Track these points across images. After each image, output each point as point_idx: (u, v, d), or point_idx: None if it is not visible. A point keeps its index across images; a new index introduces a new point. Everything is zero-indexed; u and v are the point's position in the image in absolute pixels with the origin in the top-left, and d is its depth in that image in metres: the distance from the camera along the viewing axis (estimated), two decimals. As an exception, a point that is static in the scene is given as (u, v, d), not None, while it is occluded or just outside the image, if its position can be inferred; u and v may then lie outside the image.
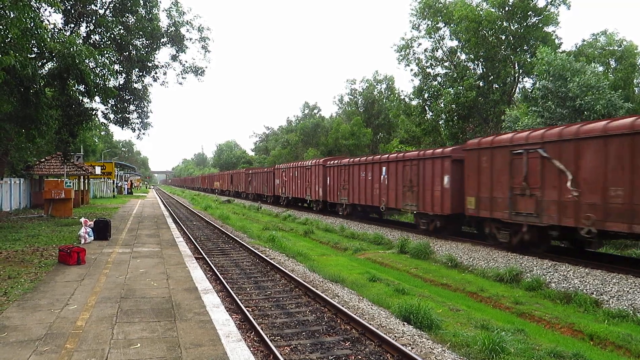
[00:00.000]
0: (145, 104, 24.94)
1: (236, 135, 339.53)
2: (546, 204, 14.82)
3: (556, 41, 33.92)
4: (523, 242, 16.19)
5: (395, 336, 8.53)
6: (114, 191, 55.93)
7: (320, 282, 12.97)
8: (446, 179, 19.74)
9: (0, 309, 7.87)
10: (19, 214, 25.87)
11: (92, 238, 15.97)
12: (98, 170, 45.79)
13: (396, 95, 46.88)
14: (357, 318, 9.05)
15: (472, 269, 15.48)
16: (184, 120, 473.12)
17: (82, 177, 36.05)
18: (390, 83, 61.95)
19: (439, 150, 20.89)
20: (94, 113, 22.58)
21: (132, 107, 24.95)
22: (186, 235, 21.30)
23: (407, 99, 45.22)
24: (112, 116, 25.39)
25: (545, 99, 25.21)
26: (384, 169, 24.42)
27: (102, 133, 73.13)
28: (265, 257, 15.80)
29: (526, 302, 11.96)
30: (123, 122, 25.07)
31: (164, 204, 44.40)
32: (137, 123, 25.45)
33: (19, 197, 29.75)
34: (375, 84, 62.41)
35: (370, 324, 8.87)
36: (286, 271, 13.47)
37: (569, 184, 14.06)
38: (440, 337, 8.93)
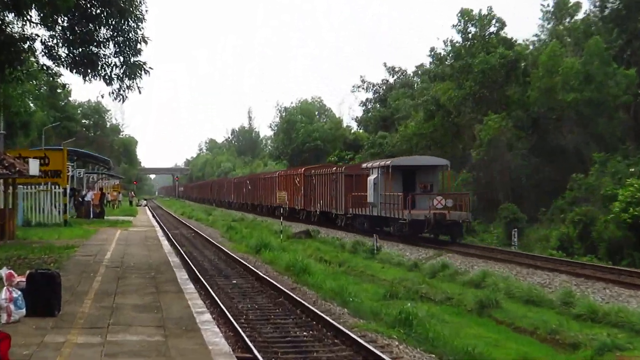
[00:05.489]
0: (133, 24, 12.79)
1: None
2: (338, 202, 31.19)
3: None
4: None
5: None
6: (65, 212, 27.21)
7: None
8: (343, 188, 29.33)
9: None
10: None
11: (23, 311, 8.61)
12: (34, 166, 21.83)
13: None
14: None
15: None
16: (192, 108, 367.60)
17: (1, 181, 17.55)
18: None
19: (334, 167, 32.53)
20: (27, 47, 12.67)
21: (104, 31, 13.06)
22: (216, 305, 10.61)
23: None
24: (63, 52, 13.88)
25: None
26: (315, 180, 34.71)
27: (44, 88, 43.11)
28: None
29: None
30: (87, 65, 12.88)
31: (168, 238, 25.02)
32: (117, 66, 13.26)
33: None
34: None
35: None
36: None
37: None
38: None
